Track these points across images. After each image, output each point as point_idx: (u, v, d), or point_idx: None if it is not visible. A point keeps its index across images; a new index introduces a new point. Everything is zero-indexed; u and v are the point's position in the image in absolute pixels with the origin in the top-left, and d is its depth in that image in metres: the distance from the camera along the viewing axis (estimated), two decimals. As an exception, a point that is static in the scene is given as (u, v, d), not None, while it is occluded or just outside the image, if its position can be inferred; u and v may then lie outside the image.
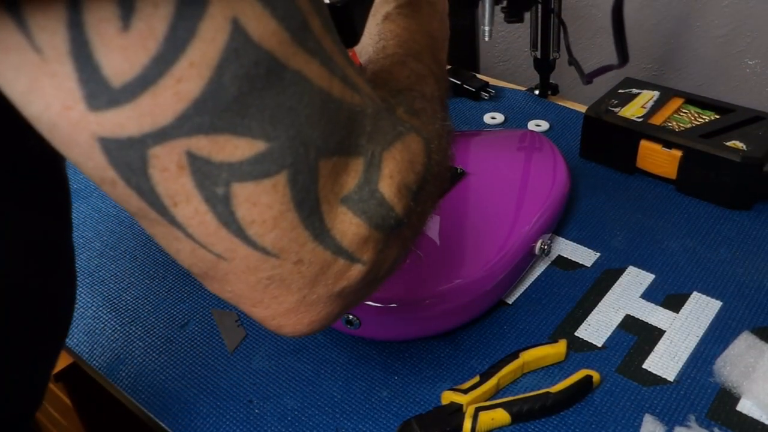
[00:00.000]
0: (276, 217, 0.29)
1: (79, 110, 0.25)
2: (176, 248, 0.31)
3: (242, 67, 0.26)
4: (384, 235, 0.33)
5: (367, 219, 0.32)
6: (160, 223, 0.29)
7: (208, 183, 0.27)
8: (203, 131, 0.26)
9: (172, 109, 0.26)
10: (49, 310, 0.41)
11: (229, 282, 0.32)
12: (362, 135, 0.32)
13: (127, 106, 0.25)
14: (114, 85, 0.25)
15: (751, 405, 0.56)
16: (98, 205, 0.83)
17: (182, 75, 0.25)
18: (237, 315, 0.67)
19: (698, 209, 0.76)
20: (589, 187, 0.81)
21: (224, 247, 0.30)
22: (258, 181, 0.28)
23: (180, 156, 0.27)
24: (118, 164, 0.27)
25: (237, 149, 0.27)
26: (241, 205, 0.28)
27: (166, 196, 0.28)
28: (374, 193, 0.32)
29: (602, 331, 0.63)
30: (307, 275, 0.31)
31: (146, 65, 0.25)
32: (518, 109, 0.96)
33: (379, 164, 0.32)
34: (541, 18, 0.89)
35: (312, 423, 0.57)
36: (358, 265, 0.33)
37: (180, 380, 0.62)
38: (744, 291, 0.66)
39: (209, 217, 0.28)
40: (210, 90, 0.26)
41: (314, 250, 0.31)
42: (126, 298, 0.70)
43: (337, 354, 0.63)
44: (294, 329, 0.34)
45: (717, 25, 1.03)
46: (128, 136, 0.26)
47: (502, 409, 0.55)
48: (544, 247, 0.68)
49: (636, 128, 0.79)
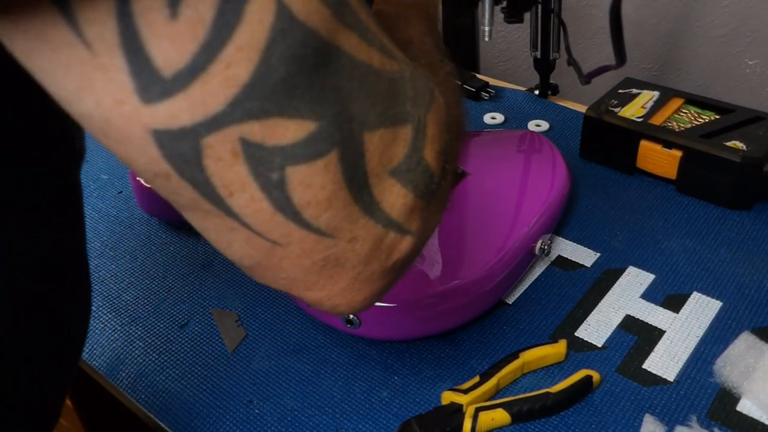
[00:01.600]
0: (329, 197, 0.29)
1: (132, 104, 0.25)
2: (228, 240, 0.30)
3: (289, 48, 0.25)
4: (427, 203, 0.33)
5: (413, 188, 0.32)
6: (215, 214, 0.29)
7: (263, 169, 0.27)
8: (255, 116, 0.26)
9: (223, 96, 0.25)
10: (59, 324, 0.40)
11: (283, 269, 0.31)
12: (407, 101, 0.31)
13: (179, 96, 0.25)
14: (165, 75, 0.24)
15: (752, 405, 0.56)
16: (98, 205, 0.83)
17: (231, 60, 0.25)
18: (237, 315, 0.67)
19: (698, 209, 0.76)
20: (589, 187, 0.81)
21: (280, 232, 0.29)
22: (311, 162, 0.27)
23: (234, 143, 0.26)
24: (172, 156, 0.26)
25: (288, 131, 0.27)
26: (296, 188, 0.28)
27: (221, 186, 0.27)
28: (420, 161, 0.32)
29: (602, 331, 0.63)
30: (361, 252, 0.31)
31: (196, 53, 0.24)
32: (518, 110, 0.96)
33: (424, 129, 0.32)
34: (541, 18, 0.89)
35: (312, 423, 0.57)
36: (408, 237, 0.33)
37: (180, 380, 0.62)
38: (744, 291, 0.66)
39: (265, 204, 0.28)
40: (259, 73, 0.25)
41: (366, 225, 0.30)
42: (126, 298, 0.70)
43: (337, 354, 0.63)
44: (349, 307, 0.34)
45: (717, 25, 1.03)
46: (181, 126, 0.25)
47: (502, 409, 0.55)
48: (544, 248, 0.68)
49: (636, 128, 0.79)
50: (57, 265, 0.38)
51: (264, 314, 0.67)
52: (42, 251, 0.37)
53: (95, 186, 0.86)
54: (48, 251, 0.37)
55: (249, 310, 0.68)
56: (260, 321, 0.67)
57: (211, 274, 0.73)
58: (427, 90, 0.33)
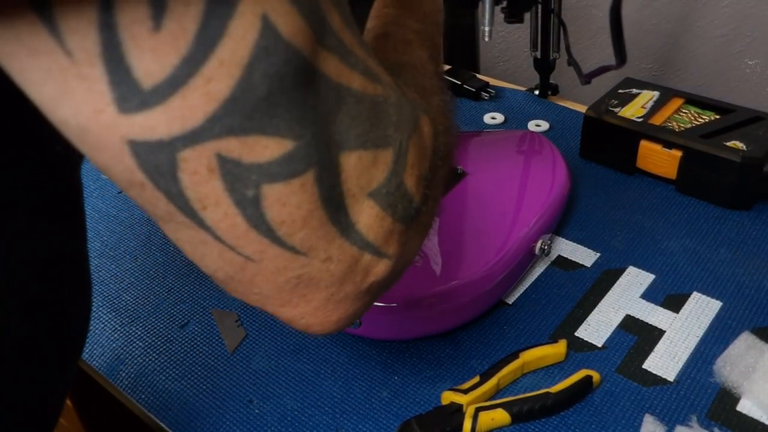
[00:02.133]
0: (305, 217, 0.29)
1: (109, 113, 0.25)
2: (202, 252, 0.30)
3: (272, 66, 0.25)
4: (406, 227, 0.33)
5: (392, 212, 0.32)
6: (188, 226, 0.29)
7: (239, 185, 0.27)
8: (233, 132, 0.26)
9: (202, 111, 0.25)
10: (59, 325, 0.39)
11: (256, 284, 0.31)
12: (389, 125, 0.31)
13: (158, 108, 0.25)
14: (145, 87, 0.24)
15: (752, 405, 0.56)
16: (98, 205, 0.83)
17: (212, 75, 0.25)
18: (237, 315, 0.67)
19: (698, 209, 0.76)
20: (589, 187, 0.81)
21: (253, 248, 0.29)
22: (287, 181, 0.27)
23: (210, 159, 0.26)
24: (148, 167, 0.26)
25: (266, 149, 0.27)
26: (271, 206, 0.28)
27: (196, 200, 0.27)
28: (400, 186, 0.32)
29: (602, 331, 0.63)
30: (335, 272, 0.31)
31: (176, 66, 0.24)
32: (518, 110, 0.96)
33: (405, 154, 0.32)
34: (541, 18, 0.89)
35: (312, 423, 0.57)
36: (384, 260, 0.33)
37: (180, 380, 0.62)
38: (744, 291, 0.66)
39: (239, 219, 0.28)
40: (240, 89, 0.25)
41: (342, 246, 0.30)
42: (126, 298, 0.70)
43: (337, 354, 0.63)
44: (322, 327, 0.34)
45: (717, 25, 1.03)
46: (158, 138, 0.25)
47: (502, 409, 0.55)
48: (544, 248, 0.68)
49: (636, 128, 0.79)
50: (57, 266, 0.38)
51: (264, 314, 0.67)
52: (41, 252, 0.36)
53: (95, 186, 0.86)
54: (47, 252, 0.37)
55: (249, 310, 0.68)
56: (260, 321, 0.67)
57: (211, 274, 0.72)
58: (412, 116, 0.33)
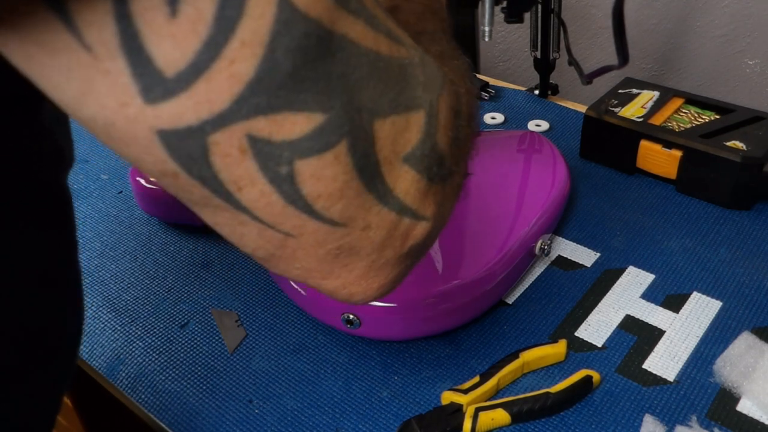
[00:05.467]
0: (341, 188, 0.29)
1: (135, 106, 0.25)
2: (241, 233, 0.30)
3: (294, 40, 0.25)
4: (440, 188, 0.33)
5: (427, 173, 0.31)
6: (225, 209, 0.29)
7: (272, 164, 0.27)
8: (261, 112, 0.26)
9: (228, 93, 0.25)
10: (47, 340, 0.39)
11: (297, 259, 0.31)
12: (418, 86, 0.31)
13: (183, 95, 0.25)
14: (168, 75, 0.24)
15: (752, 405, 0.56)
16: (98, 205, 0.83)
17: (235, 56, 0.24)
18: (237, 315, 0.67)
19: (698, 209, 0.76)
20: (589, 187, 0.81)
21: (292, 224, 0.29)
22: (320, 154, 0.27)
23: (241, 140, 0.26)
24: (179, 155, 0.26)
25: (296, 125, 0.26)
26: (306, 181, 0.28)
27: (230, 182, 0.27)
28: (434, 146, 0.31)
29: (602, 331, 0.63)
30: (375, 239, 0.31)
31: (198, 50, 0.24)
32: (518, 109, 0.96)
33: (437, 114, 0.31)
34: (541, 18, 0.89)
35: (312, 423, 0.57)
36: (423, 222, 0.33)
37: (180, 380, 0.62)
38: (744, 291, 0.66)
39: (275, 197, 0.28)
40: (264, 68, 0.25)
41: (380, 213, 0.30)
42: (126, 298, 0.70)
43: (337, 354, 0.63)
44: (365, 295, 0.34)
45: (717, 25, 1.03)
46: (187, 125, 0.25)
47: (502, 409, 0.55)
48: (544, 247, 0.68)
49: (636, 128, 0.79)
50: (46, 278, 0.38)
51: (264, 314, 0.67)
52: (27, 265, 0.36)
53: (95, 186, 0.86)
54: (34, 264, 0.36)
55: (249, 310, 0.68)
56: (260, 321, 0.67)
57: (211, 274, 0.72)
58: (438, 75, 0.32)
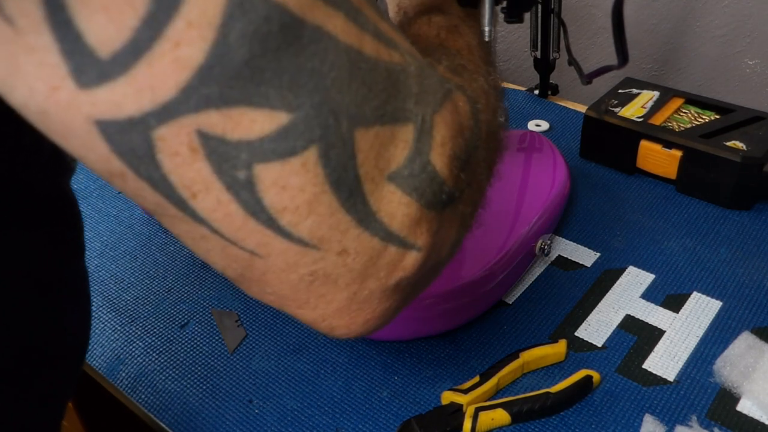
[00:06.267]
0: (310, 202, 0.25)
1: (68, 89, 0.22)
2: (205, 248, 0.27)
3: (250, 24, 0.22)
4: (438, 214, 0.29)
5: (418, 197, 0.28)
6: (182, 219, 0.26)
7: (227, 167, 0.24)
8: (213, 104, 0.23)
9: (173, 81, 0.22)
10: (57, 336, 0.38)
11: (268, 283, 0.28)
12: (409, 97, 0.27)
13: (121, 80, 0.22)
14: (102, 55, 0.21)
15: (751, 405, 0.56)
16: (98, 205, 0.83)
17: (180, 38, 0.21)
18: (237, 315, 0.67)
19: (698, 209, 0.76)
20: (589, 187, 0.81)
21: (256, 241, 0.26)
22: (284, 160, 0.24)
23: (190, 136, 0.23)
24: (123, 151, 0.23)
25: (255, 123, 0.23)
26: (268, 190, 0.24)
27: (183, 187, 0.24)
28: (426, 166, 0.28)
29: (602, 331, 0.63)
30: (354, 268, 0.27)
31: (136, 28, 0.21)
32: (518, 109, 0.96)
33: (430, 130, 0.28)
34: (541, 18, 0.89)
35: (312, 423, 0.57)
36: (412, 252, 0.29)
37: (180, 380, 0.62)
38: (744, 291, 0.66)
39: (234, 207, 0.25)
40: (215, 54, 0.22)
41: (359, 237, 0.27)
42: (126, 298, 0.70)
43: (337, 354, 0.63)
44: (348, 330, 0.30)
45: (717, 25, 1.03)
46: (127, 116, 0.22)
47: (502, 409, 0.55)
48: (544, 247, 0.68)
49: (636, 128, 0.79)
50: (51, 281, 0.36)
51: (264, 314, 0.67)
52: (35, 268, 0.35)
53: (95, 186, 0.86)
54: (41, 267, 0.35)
55: (249, 310, 0.68)
56: (260, 321, 0.67)
57: (211, 274, 0.72)
58: (440, 89, 0.29)
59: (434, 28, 0.39)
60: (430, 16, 0.40)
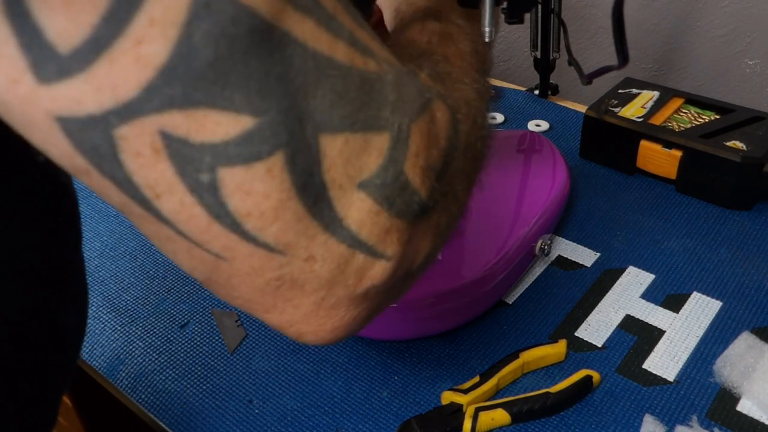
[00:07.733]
0: (276, 208, 0.25)
1: (27, 83, 0.22)
2: (172, 250, 0.27)
3: (216, 24, 0.22)
4: (409, 224, 0.29)
5: (388, 206, 0.27)
6: (148, 219, 0.25)
7: (191, 169, 0.23)
8: (177, 105, 0.22)
9: (135, 79, 0.22)
10: (53, 328, 0.38)
11: (234, 287, 0.28)
12: (384, 105, 0.27)
13: (81, 77, 0.21)
14: (62, 51, 0.21)
15: (751, 405, 0.56)
16: (98, 205, 0.83)
17: (142, 35, 0.21)
18: (237, 315, 0.67)
19: (698, 209, 0.76)
20: (589, 187, 0.81)
21: (221, 244, 0.26)
22: (248, 164, 0.24)
23: (153, 137, 0.23)
24: (85, 149, 0.23)
25: (219, 126, 0.23)
26: (232, 194, 0.24)
27: (147, 187, 0.24)
28: (399, 176, 0.27)
29: (602, 331, 0.63)
30: (321, 274, 0.27)
31: (96, 24, 0.21)
32: (518, 109, 0.96)
33: (406, 140, 0.27)
34: (541, 18, 0.89)
35: (312, 423, 0.57)
36: (381, 261, 0.28)
37: (180, 380, 0.62)
38: (744, 291, 0.66)
39: (198, 210, 0.24)
40: (179, 53, 0.22)
41: (326, 243, 0.27)
42: (126, 298, 0.70)
43: (337, 354, 0.63)
44: (316, 336, 0.30)
45: (717, 25, 1.03)
46: (88, 113, 0.22)
47: (502, 409, 0.55)
48: (544, 248, 0.68)
49: (636, 128, 0.79)
50: (49, 271, 0.36)
51: (264, 314, 0.67)
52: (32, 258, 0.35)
53: (95, 186, 0.86)
54: (38, 257, 0.35)
55: (249, 310, 0.68)
56: (260, 321, 0.66)
57: (211, 274, 0.72)
58: (418, 98, 0.29)
59: (426, 34, 0.39)
60: (424, 22, 0.40)
